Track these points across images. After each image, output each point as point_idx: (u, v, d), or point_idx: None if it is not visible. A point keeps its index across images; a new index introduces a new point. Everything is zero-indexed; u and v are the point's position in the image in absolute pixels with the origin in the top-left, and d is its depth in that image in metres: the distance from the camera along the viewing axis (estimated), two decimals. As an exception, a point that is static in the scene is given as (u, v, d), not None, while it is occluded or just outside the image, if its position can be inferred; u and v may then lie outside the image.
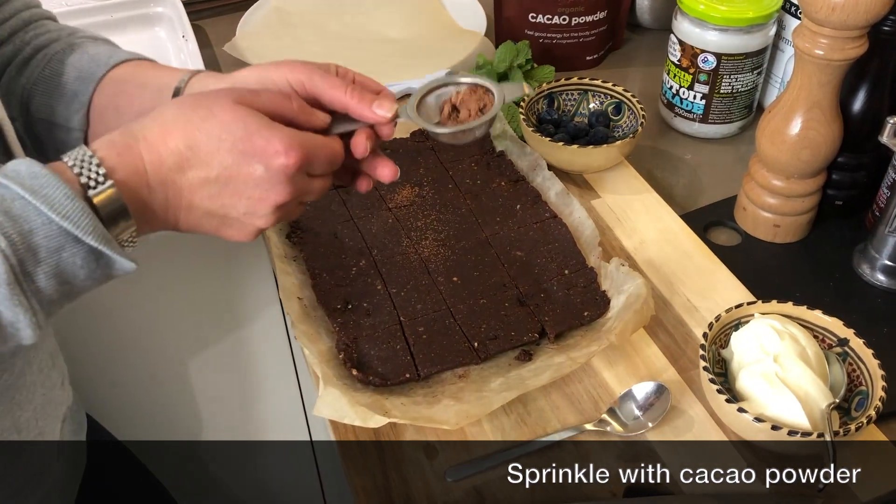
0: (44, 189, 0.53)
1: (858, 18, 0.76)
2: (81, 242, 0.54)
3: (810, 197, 0.91)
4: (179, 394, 1.29)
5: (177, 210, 0.61)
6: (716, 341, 0.75)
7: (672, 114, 1.10)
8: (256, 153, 0.60)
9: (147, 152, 0.58)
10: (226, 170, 0.60)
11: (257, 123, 0.61)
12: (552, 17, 1.17)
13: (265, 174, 0.60)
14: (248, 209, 0.62)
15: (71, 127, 0.72)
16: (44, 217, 0.52)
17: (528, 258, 0.85)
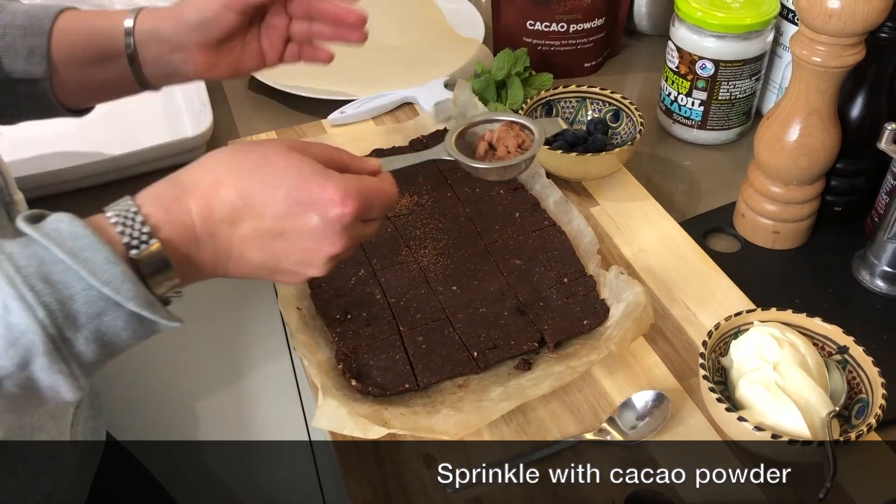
0: (84, 252, 0.51)
1: (856, 25, 0.77)
2: (122, 307, 0.52)
3: (809, 203, 0.91)
4: (178, 400, 1.29)
5: (226, 262, 0.59)
6: (715, 349, 0.75)
7: (670, 120, 1.10)
8: (312, 202, 0.58)
9: (196, 204, 0.57)
10: (279, 221, 0.58)
11: (312, 170, 0.59)
12: (550, 25, 1.17)
13: (320, 224, 0.59)
14: (301, 259, 0.60)
15: (36, 79, 0.74)
16: (84, 283, 0.51)
17: (527, 266, 0.85)
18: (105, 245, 0.52)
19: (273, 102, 1.17)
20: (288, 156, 0.60)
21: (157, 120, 1.13)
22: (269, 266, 0.60)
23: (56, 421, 0.73)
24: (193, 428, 1.32)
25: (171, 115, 1.14)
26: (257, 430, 1.36)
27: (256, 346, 1.28)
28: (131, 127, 1.12)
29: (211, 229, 0.57)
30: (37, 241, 0.51)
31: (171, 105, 1.14)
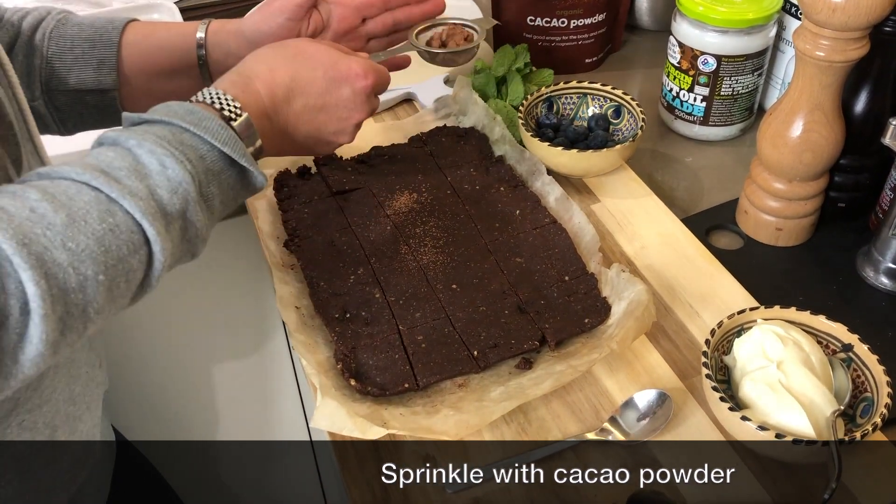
0: (203, 122, 0.62)
1: (860, 19, 0.76)
2: (235, 165, 0.63)
3: (812, 200, 0.90)
4: (178, 400, 1.28)
5: (283, 136, 0.72)
6: (718, 348, 0.74)
7: (672, 116, 1.09)
8: (343, 77, 0.74)
9: (263, 87, 0.70)
10: (321, 96, 0.73)
11: (337, 53, 0.75)
12: (550, 20, 1.17)
13: (351, 95, 0.74)
14: (337, 128, 0.75)
15: (105, 89, 0.81)
16: (208, 145, 0.62)
17: (527, 264, 0.85)
18: (216, 115, 0.63)
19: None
20: (315, 45, 0.75)
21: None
22: (313, 136, 0.75)
23: (90, 412, 0.76)
24: (194, 428, 1.32)
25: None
26: (258, 430, 1.36)
27: (256, 345, 1.28)
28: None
29: (275, 106, 0.71)
30: (158, 120, 0.61)
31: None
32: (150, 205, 0.57)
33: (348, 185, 0.94)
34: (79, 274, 0.52)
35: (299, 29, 0.83)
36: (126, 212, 0.55)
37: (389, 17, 0.90)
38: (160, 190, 0.58)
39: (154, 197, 0.57)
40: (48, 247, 0.51)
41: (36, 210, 0.52)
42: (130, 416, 1.21)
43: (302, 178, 0.96)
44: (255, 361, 1.29)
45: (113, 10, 1.27)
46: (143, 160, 0.58)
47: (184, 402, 1.29)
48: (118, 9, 1.28)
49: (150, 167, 0.58)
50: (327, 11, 0.86)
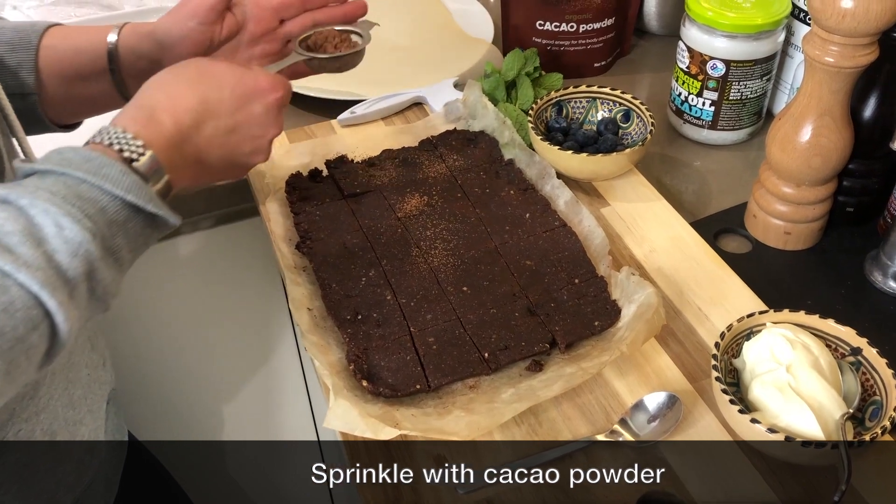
0: (101, 169, 0.57)
1: (869, 25, 0.76)
2: (142, 211, 0.59)
3: (821, 204, 0.90)
4: (189, 401, 1.29)
5: (196, 164, 0.66)
6: (728, 351, 0.74)
7: (681, 120, 1.10)
8: (252, 93, 0.68)
9: (167, 117, 0.64)
10: (231, 115, 0.67)
11: (240, 69, 0.69)
12: (560, 25, 1.17)
13: (263, 111, 0.69)
14: (251, 148, 0.70)
15: (27, 93, 0.77)
16: (109, 195, 0.57)
17: (537, 267, 0.85)
18: (116, 160, 0.58)
19: (283, 103, 1.17)
20: (217, 63, 0.69)
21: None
22: (228, 159, 0.69)
23: (93, 415, 0.75)
24: (204, 428, 1.32)
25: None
26: (267, 430, 1.36)
27: (266, 347, 1.28)
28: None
29: (183, 135, 0.64)
30: (52, 171, 0.56)
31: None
32: (49, 274, 0.52)
33: (359, 188, 0.95)
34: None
35: (212, 32, 0.78)
36: (21, 286, 0.51)
37: (309, 19, 0.84)
38: (59, 255, 0.53)
39: (52, 264, 0.52)
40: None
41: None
42: (140, 416, 1.22)
43: (313, 181, 0.97)
44: (264, 362, 1.30)
45: (123, 13, 1.28)
46: (38, 221, 0.53)
47: (193, 403, 1.29)
48: (129, 12, 1.29)
49: (45, 230, 0.53)
50: (242, 13, 0.81)
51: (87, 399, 0.75)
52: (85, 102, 0.81)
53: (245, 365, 1.29)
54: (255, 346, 1.27)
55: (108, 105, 0.82)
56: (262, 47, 0.82)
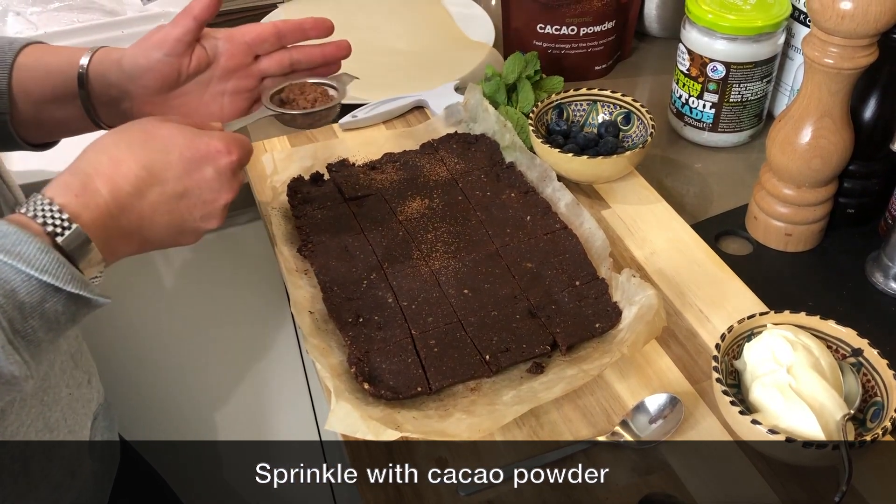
0: (17, 247, 0.53)
1: (868, 27, 0.76)
2: (61, 291, 0.55)
3: (822, 205, 0.90)
4: (189, 404, 1.29)
5: (139, 232, 0.63)
6: (728, 352, 0.74)
7: (681, 123, 1.10)
8: (203, 157, 0.65)
9: (103, 184, 0.60)
10: (180, 180, 0.64)
11: (192, 131, 0.66)
12: (560, 28, 1.18)
13: (215, 175, 0.65)
14: (203, 213, 0.66)
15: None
16: (23, 275, 0.53)
17: (538, 270, 0.85)
18: (34, 237, 0.54)
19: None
20: (166, 125, 0.65)
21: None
22: (176, 227, 0.65)
23: (74, 436, 0.74)
24: (205, 431, 1.32)
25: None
26: (269, 432, 1.36)
27: (267, 349, 1.28)
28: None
29: (121, 204, 0.61)
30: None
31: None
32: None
33: (361, 192, 0.95)
34: None
35: (180, 65, 0.75)
36: None
37: (286, 57, 0.80)
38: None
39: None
40: None
41: None
42: (141, 419, 1.22)
43: (315, 185, 0.97)
44: (265, 366, 1.30)
45: (127, 19, 1.29)
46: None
47: (196, 405, 1.30)
48: (131, 18, 1.29)
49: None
50: (213, 47, 0.77)
51: (68, 420, 0.73)
52: (56, 125, 0.79)
53: (247, 368, 1.29)
54: (256, 349, 1.28)
55: (79, 129, 0.80)
56: (235, 83, 0.79)
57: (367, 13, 1.33)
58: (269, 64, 0.80)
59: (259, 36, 0.79)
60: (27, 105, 0.76)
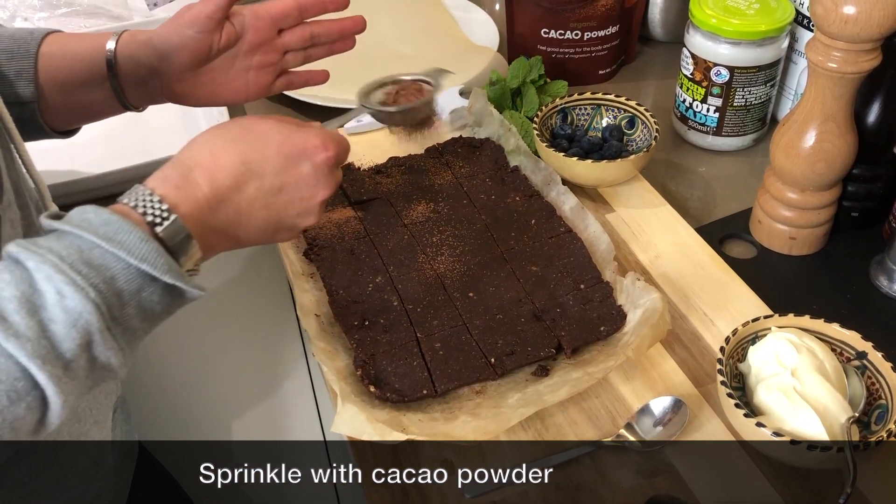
0: (118, 235, 0.54)
1: (871, 31, 0.77)
2: (158, 281, 0.56)
3: (826, 209, 0.91)
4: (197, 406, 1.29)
5: (236, 227, 0.63)
6: (733, 355, 0.75)
7: (686, 127, 1.10)
8: (300, 153, 0.65)
9: (203, 177, 0.61)
10: (277, 176, 0.64)
11: (289, 127, 0.66)
12: (564, 33, 1.18)
13: (312, 171, 0.65)
14: (299, 209, 0.66)
15: (24, 101, 0.76)
16: (123, 262, 0.54)
17: (543, 273, 0.86)
18: (135, 226, 0.55)
19: (290, 111, 1.18)
20: (264, 121, 0.66)
21: (175, 129, 1.15)
22: (273, 223, 0.65)
23: (99, 427, 0.75)
24: (210, 433, 1.33)
25: (189, 124, 1.15)
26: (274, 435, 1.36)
27: (273, 353, 1.29)
28: (149, 137, 1.13)
29: (220, 197, 0.61)
30: (70, 232, 0.54)
31: (189, 114, 1.16)
32: (41, 345, 0.50)
33: (366, 195, 0.96)
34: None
35: (211, 41, 0.78)
36: (9, 356, 0.49)
37: (307, 30, 0.83)
38: (55, 325, 0.51)
39: (46, 335, 0.51)
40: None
41: None
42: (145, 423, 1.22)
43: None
44: (271, 368, 1.31)
45: (133, 24, 1.29)
46: (40, 287, 0.51)
47: (200, 409, 1.30)
48: (138, 23, 1.30)
49: (45, 296, 0.51)
50: (241, 23, 0.80)
51: (93, 410, 0.74)
52: (83, 109, 0.82)
53: (253, 371, 1.30)
54: (262, 352, 1.28)
55: (107, 112, 0.83)
56: (260, 58, 0.82)
57: (372, 18, 1.32)
58: (290, 38, 0.83)
59: (282, 11, 0.81)
60: (55, 92, 0.77)
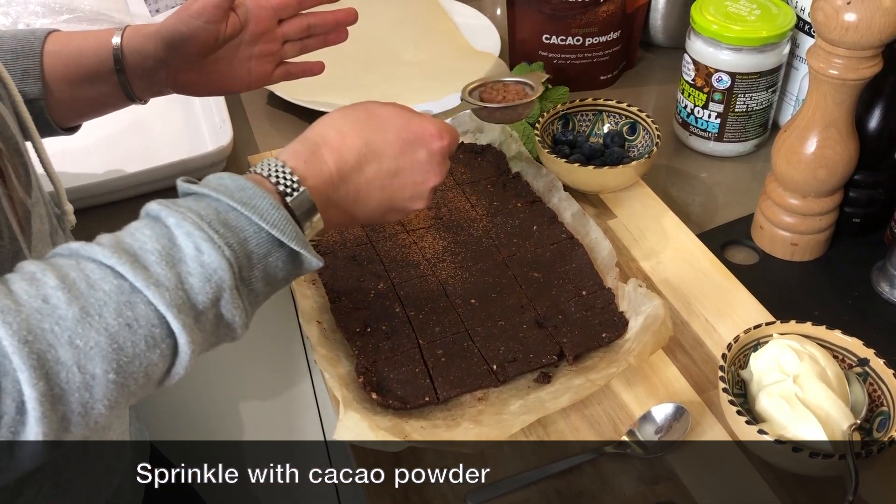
0: (253, 200, 0.58)
1: (872, 38, 0.77)
2: (284, 247, 0.59)
3: (827, 215, 0.91)
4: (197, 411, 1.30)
5: (353, 204, 0.67)
6: (735, 362, 0.75)
7: (687, 133, 1.10)
8: (417, 139, 0.69)
9: (330, 155, 0.65)
10: (395, 160, 0.68)
11: (409, 114, 0.70)
12: (566, 38, 1.18)
13: (427, 157, 0.69)
14: (412, 193, 0.70)
15: (31, 99, 0.79)
16: (255, 226, 0.57)
17: (545, 279, 0.86)
18: (268, 193, 0.59)
19: (291, 117, 1.18)
20: (386, 106, 0.70)
21: (177, 135, 1.15)
22: (386, 203, 0.69)
23: (119, 420, 0.76)
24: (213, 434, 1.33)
25: (191, 130, 1.15)
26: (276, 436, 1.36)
27: (275, 360, 1.29)
28: (151, 142, 1.14)
29: (344, 175, 0.66)
30: (208, 195, 0.58)
31: (191, 120, 1.16)
32: (178, 295, 0.53)
33: (368, 202, 0.96)
34: (84, 373, 0.50)
35: (217, 31, 0.81)
36: (149, 303, 0.52)
37: (305, 21, 0.87)
38: (192, 278, 0.54)
39: (184, 286, 0.54)
40: (53, 344, 0.49)
41: (49, 300, 0.50)
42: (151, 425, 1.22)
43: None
44: (273, 375, 1.31)
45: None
46: (179, 242, 0.55)
47: (203, 412, 1.30)
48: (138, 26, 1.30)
49: (185, 251, 0.54)
50: (244, 13, 0.84)
51: None
52: (89, 104, 0.84)
53: (254, 378, 1.30)
54: (264, 359, 1.28)
55: (113, 105, 0.86)
56: (261, 47, 0.85)
57: (374, 24, 1.33)
58: (289, 28, 0.87)
59: (283, 2, 0.85)
60: (61, 88, 0.80)
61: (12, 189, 0.63)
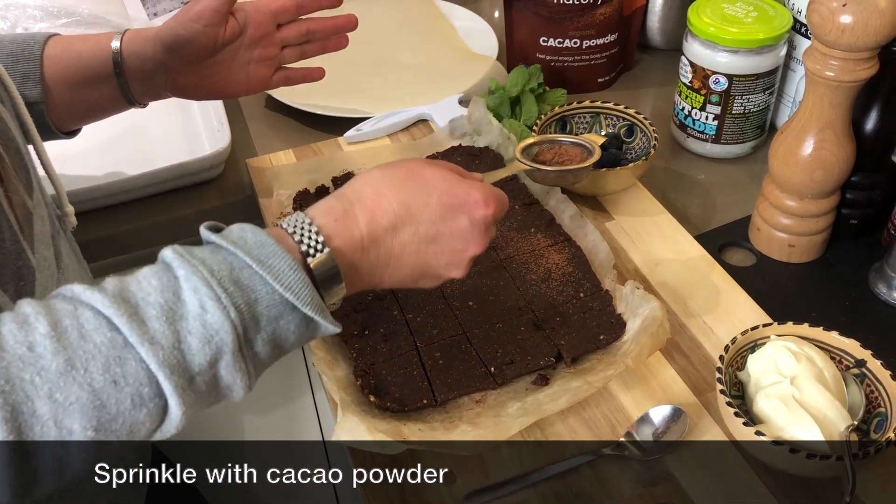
0: (270, 259, 0.54)
1: (868, 40, 0.77)
2: (297, 311, 0.55)
3: (825, 217, 0.91)
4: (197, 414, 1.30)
5: (383, 269, 0.63)
6: (732, 363, 0.75)
7: (684, 135, 1.10)
8: (460, 205, 0.64)
9: (363, 214, 0.61)
10: (434, 225, 0.63)
11: (454, 178, 0.65)
12: (563, 41, 1.18)
13: (468, 225, 0.64)
14: (448, 261, 0.65)
15: (32, 103, 0.79)
16: (268, 287, 0.54)
17: (543, 282, 0.86)
18: (288, 253, 0.55)
19: (290, 121, 1.18)
20: (431, 167, 0.65)
21: (176, 138, 1.15)
22: (419, 270, 0.64)
23: None
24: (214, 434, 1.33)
25: (190, 133, 1.15)
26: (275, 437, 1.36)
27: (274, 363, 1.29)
28: (150, 146, 1.14)
29: (375, 237, 0.61)
30: (225, 248, 0.55)
31: (190, 124, 1.16)
32: (173, 355, 0.51)
33: (366, 205, 0.96)
34: (61, 428, 0.48)
35: (216, 35, 0.81)
36: (141, 360, 0.50)
37: (303, 26, 0.88)
38: (191, 337, 0.51)
39: (181, 345, 0.51)
40: (31, 395, 0.47)
41: (34, 348, 0.48)
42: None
43: (321, 198, 0.98)
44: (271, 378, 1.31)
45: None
46: (185, 297, 0.52)
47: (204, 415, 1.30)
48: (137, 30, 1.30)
49: (188, 307, 0.52)
50: (243, 17, 0.84)
51: None
52: (89, 107, 0.85)
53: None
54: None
55: (112, 108, 0.86)
56: (260, 51, 0.86)
57: (372, 27, 1.33)
58: (288, 33, 0.88)
59: (281, 6, 0.86)
60: (61, 92, 0.81)
61: (12, 191, 0.63)
